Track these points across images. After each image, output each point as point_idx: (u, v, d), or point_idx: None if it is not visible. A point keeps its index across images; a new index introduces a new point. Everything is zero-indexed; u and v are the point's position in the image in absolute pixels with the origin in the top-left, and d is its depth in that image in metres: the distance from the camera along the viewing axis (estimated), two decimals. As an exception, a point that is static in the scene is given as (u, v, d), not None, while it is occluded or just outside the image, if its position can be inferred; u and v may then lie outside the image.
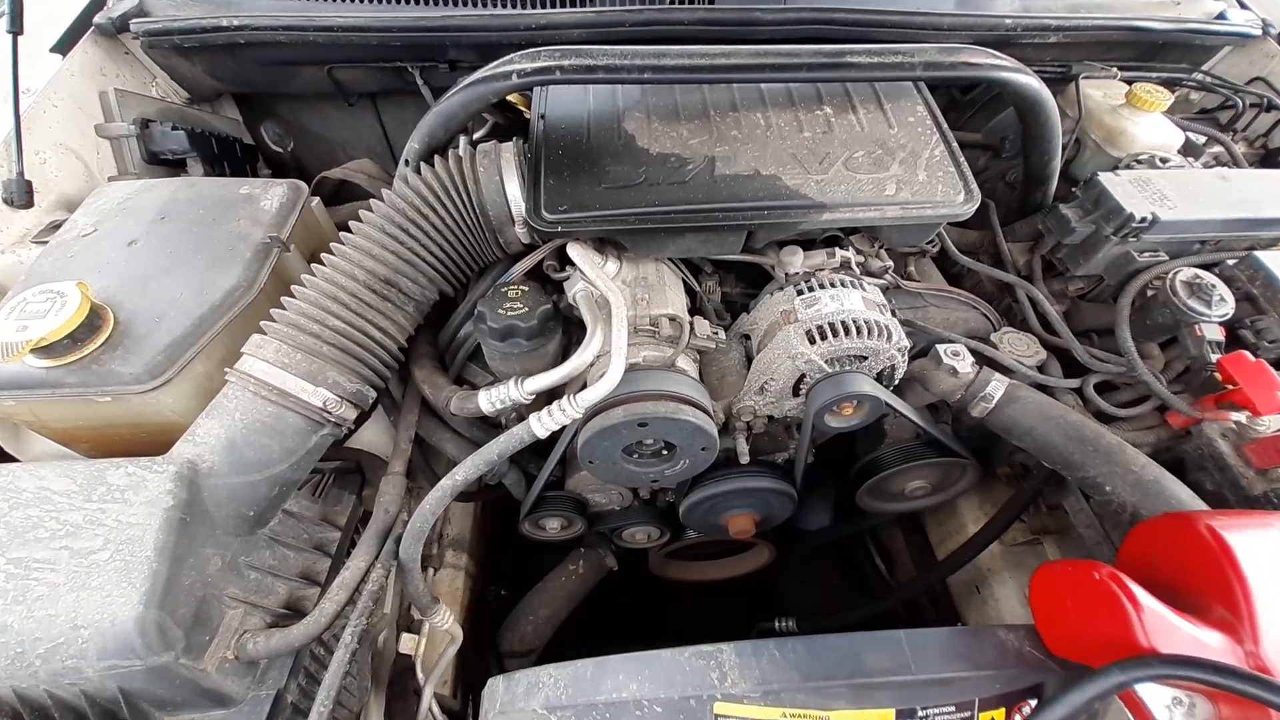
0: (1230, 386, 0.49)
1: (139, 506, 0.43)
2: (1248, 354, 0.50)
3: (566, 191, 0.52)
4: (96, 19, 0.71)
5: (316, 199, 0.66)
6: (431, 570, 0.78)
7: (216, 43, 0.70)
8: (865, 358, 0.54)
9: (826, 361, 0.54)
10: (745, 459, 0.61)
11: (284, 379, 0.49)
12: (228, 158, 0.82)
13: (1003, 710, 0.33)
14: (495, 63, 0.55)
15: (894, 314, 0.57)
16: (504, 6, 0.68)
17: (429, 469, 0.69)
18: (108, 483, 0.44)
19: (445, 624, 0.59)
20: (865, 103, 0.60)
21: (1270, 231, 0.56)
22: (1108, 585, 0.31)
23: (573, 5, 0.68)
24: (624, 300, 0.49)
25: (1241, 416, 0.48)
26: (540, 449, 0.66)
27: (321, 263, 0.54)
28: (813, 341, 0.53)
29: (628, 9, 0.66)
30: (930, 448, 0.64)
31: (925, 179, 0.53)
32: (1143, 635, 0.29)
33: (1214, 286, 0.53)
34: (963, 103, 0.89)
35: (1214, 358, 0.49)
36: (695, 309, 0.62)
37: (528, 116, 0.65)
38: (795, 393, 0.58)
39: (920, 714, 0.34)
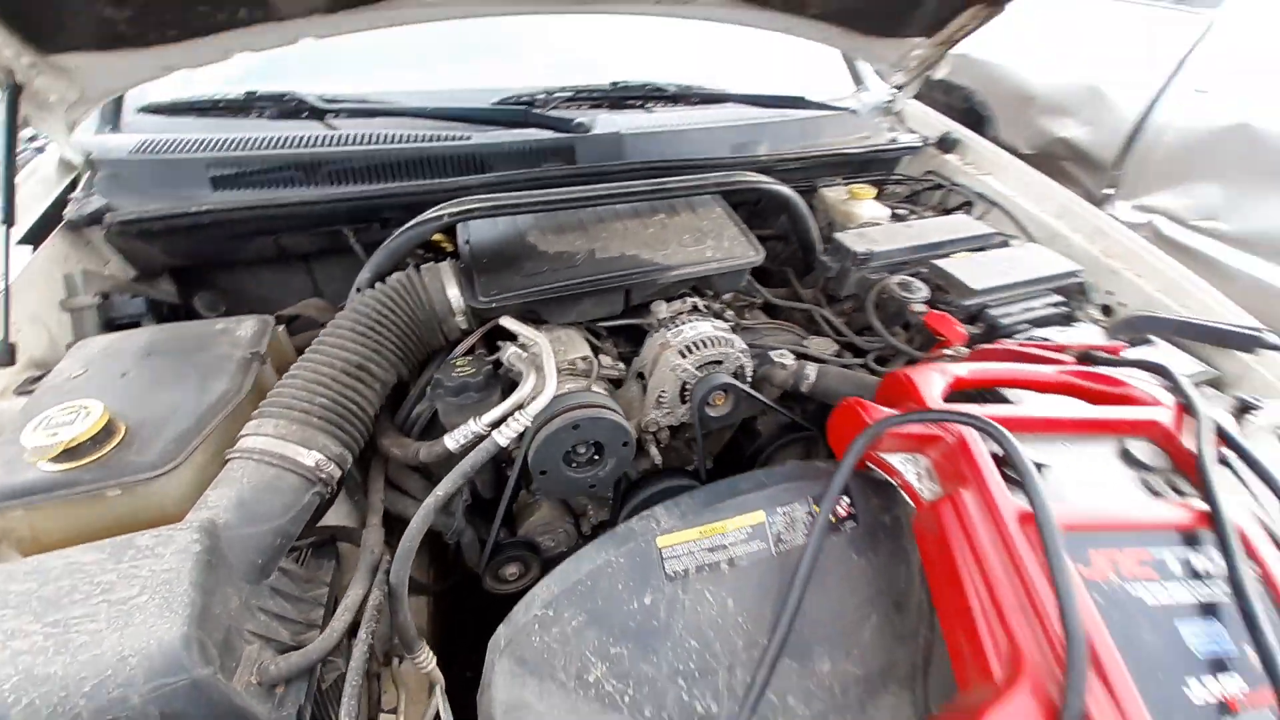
0: (940, 338, 0.79)
1: (170, 557, 0.50)
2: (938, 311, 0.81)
3: (495, 282, 0.74)
4: (67, 215, 0.85)
5: (281, 326, 0.81)
6: (396, 660, 0.81)
7: (181, 226, 0.87)
8: (721, 361, 0.77)
9: (697, 368, 0.76)
10: (659, 460, 0.79)
11: (282, 445, 0.60)
12: (174, 319, 0.94)
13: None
14: (429, 211, 0.78)
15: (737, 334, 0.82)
16: (426, 178, 0.94)
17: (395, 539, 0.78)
18: (136, 546, 0.51)
19: (428, 665, 0.65)
20: (684, 210, 0.90)
21: (938, 250, 0.92)
22: (854, 407, 0.53)
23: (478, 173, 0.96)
24: (548, 345, 0.69)
25: (950, 352, 0.77)
26: (488, 510, 0.79)
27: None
28: (684, 355, 0.76)
29: (518, 172, 0.94)
30: (788, 430, 0.87)
31: (729, 245, 0.82)
32: (869, 419, 0.51)
33: (913, 282, 0.85)
34: (761, 210, 1.28)
35: (922, 317, 0.79)
36: (597, 355, 0.83)
37: (447, 248, 0.89)
38: (683, 400, 0.79)
39: (779, 511, 0.51)
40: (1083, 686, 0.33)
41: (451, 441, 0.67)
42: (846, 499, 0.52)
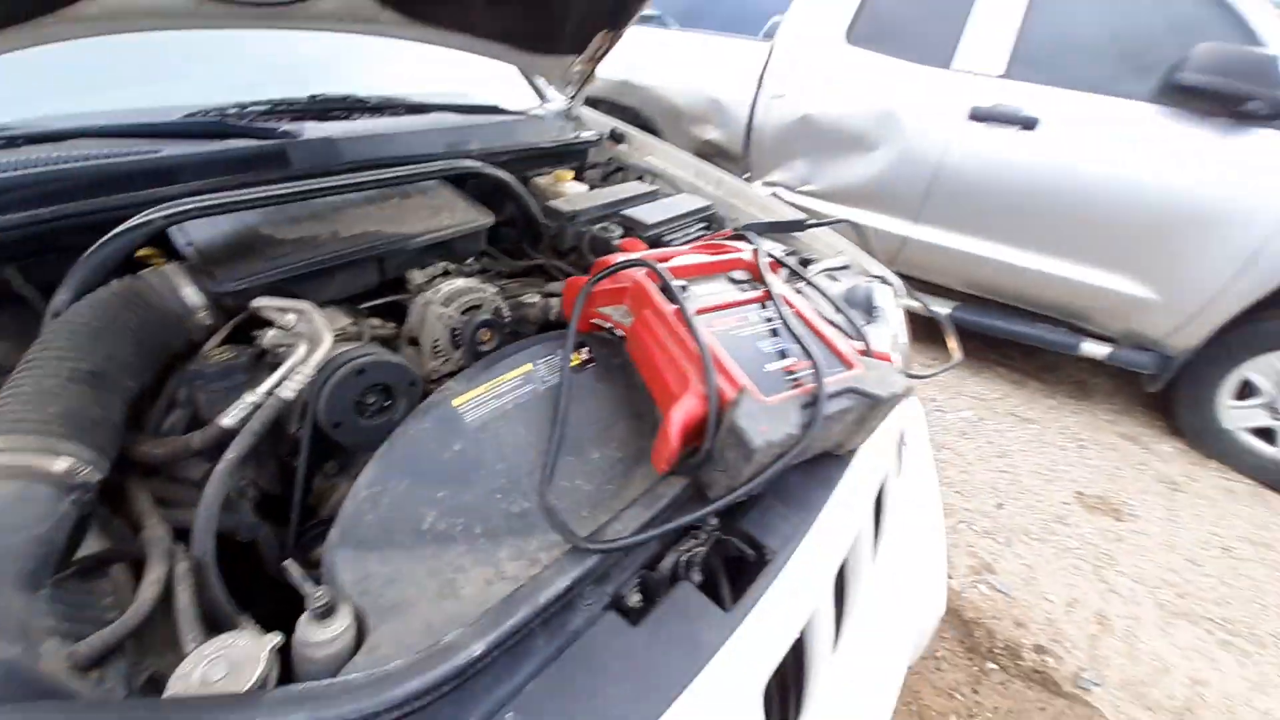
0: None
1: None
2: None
3: (237, 268, 0.76)
4: None
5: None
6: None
7: None
8: (480, 305, 0.93)
9: (461, 313, 0.90)
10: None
11: (21, 457, 0.55)
12: None
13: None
14: (133, 219, 0.75)
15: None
16: (112, 194, 0.87)
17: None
18: None
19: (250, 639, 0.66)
20: (415, 194, 1.03)
21: (624, 205, 1.23)
22: (573, 283, 0.76)
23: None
24: (313, 306, 0.76)
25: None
26: (280, 507, 0.79)
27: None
28: (446, 305, 0.89)
29: (230, 178, 0.94)
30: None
31: (462, 214, 0.98)
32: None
33: (611, 226, 1.14)
34: (485, 200, 1.46)
35: (619, 245, 1.08)
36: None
37: (159, 264, 0.84)
38: (455, 345, 0.92)
39: (540, 361, 0.71)
40: (713, 376, 0.59)
41: (228, 419, 0.68)
42: (585, 350, 0.73)
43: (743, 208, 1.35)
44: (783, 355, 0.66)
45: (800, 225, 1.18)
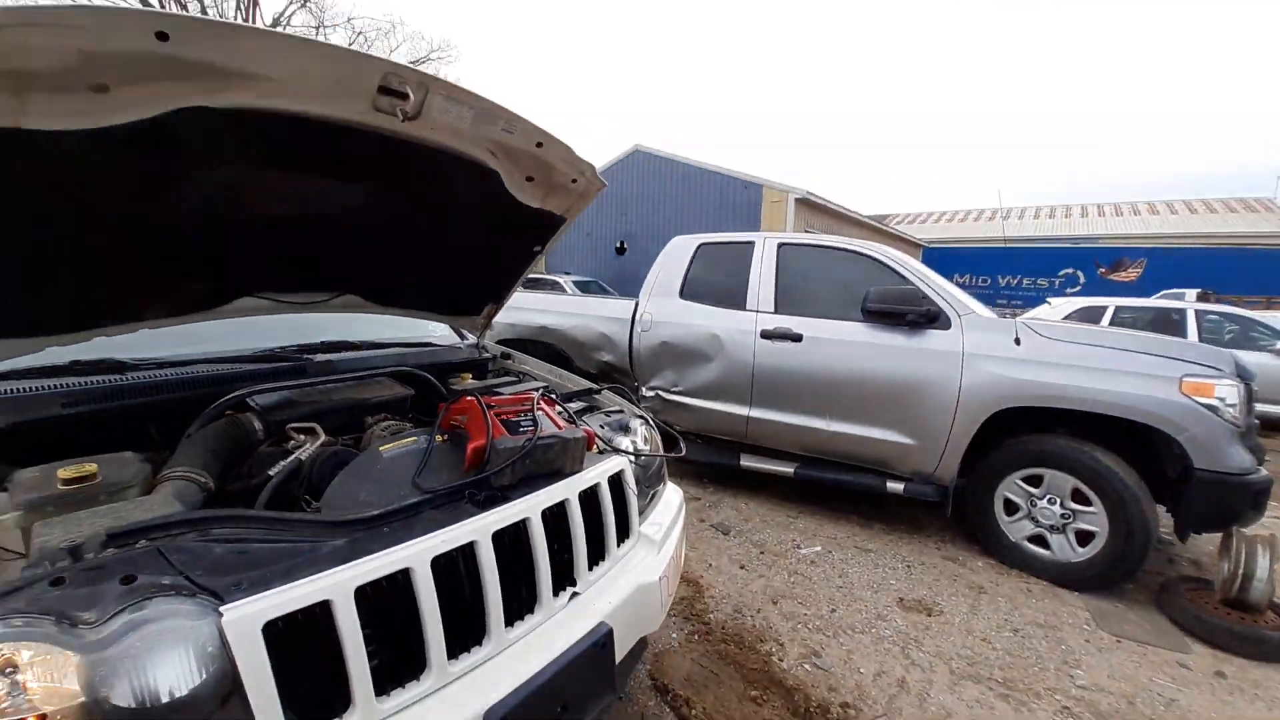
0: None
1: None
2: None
3: (281, 413, 1.55)
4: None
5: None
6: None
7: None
8: (399, 432, 1.71)
9: (390, 434, 1.67)
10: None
11: (188, 474, 1.25)
12: None
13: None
14: (233, 394, 1.56)
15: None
16: (210, 388, 1.68)
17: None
18: None
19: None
20: (377, 384, 1.88)
21: (492, 386, 2.10)
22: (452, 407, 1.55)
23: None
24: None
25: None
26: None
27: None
28: (384, 431, 1.67)
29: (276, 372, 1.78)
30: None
31: (397, 391, 1.83)
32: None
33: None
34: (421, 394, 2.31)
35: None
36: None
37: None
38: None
39: (423, 436, 1.45)
40: (490, 430, 1.37)
41: (272, 472, 1.39)
42: (443, 435, 1.49)
43: (567, 385, 2.25)
44: (532, 425, 1.45)
45: (590, 391, 2.07)
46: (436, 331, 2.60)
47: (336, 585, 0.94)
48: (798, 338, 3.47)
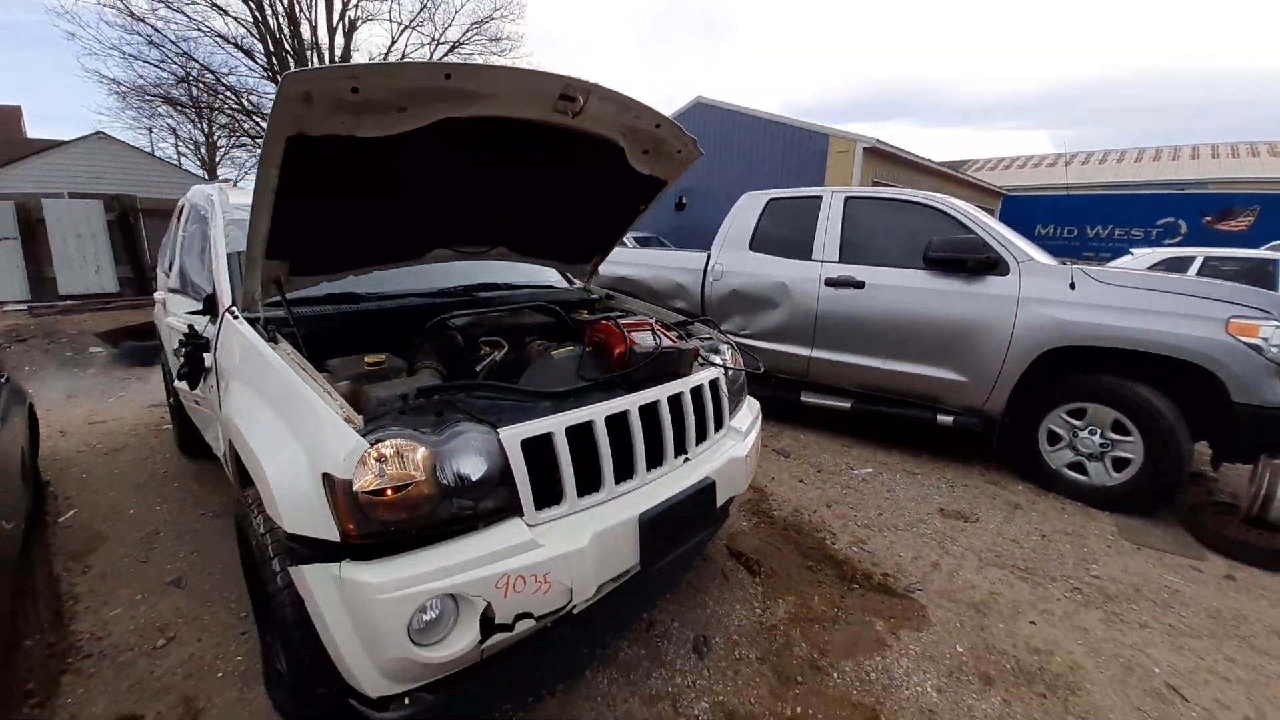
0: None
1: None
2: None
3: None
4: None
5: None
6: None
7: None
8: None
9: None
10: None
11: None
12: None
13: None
14: (442, 316, 2.18)
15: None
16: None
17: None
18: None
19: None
20: (524, 312, 2.47)
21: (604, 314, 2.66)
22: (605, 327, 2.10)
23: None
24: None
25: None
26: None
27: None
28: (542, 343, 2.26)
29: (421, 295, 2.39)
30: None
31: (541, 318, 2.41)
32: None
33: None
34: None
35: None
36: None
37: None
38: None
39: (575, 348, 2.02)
40: (626, 339, 1.91)
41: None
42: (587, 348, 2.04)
43: (667, 317, 2.77)
44: (656, 340, 1.97)
45: (686, 322, 2.58)
46: (551, 277, 3.17)
47: (555, 423, 1.52)
48: (860, 284, 3.82)
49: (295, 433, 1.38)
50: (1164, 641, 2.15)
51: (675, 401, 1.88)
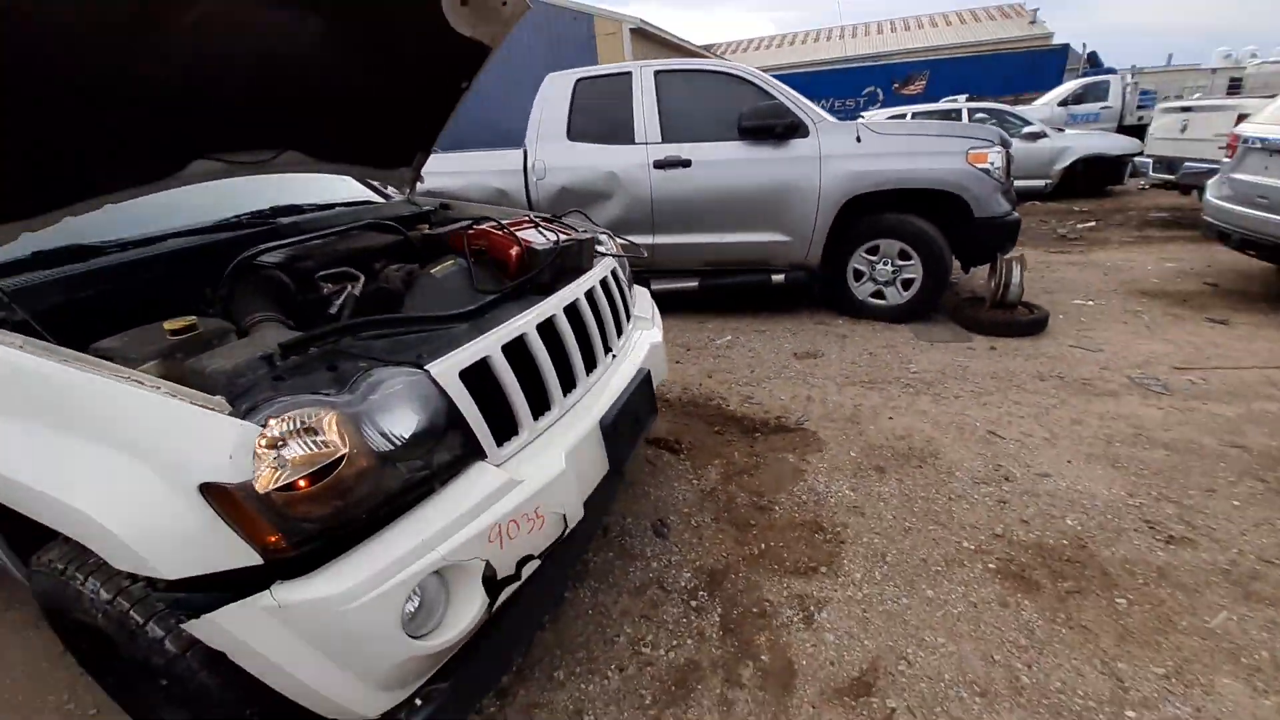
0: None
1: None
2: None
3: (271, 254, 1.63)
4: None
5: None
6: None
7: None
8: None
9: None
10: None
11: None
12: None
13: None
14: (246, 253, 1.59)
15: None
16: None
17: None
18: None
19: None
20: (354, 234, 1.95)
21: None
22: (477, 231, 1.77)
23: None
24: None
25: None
26: None
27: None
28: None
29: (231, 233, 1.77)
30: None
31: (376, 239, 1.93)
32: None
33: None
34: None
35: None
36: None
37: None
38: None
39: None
40: (520, 242, 1.63)
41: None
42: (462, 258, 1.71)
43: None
44: (546, 236, 1.73)
45: (559, 216, 2.32)
46: (356, 191, 2.55)
47: (488, 345, 1.26)
48: (687, 163, 3.85)
49: (119, 446, 0.90)
50: (973, 403, 2.81)
51: (589, 298, 1.70)
